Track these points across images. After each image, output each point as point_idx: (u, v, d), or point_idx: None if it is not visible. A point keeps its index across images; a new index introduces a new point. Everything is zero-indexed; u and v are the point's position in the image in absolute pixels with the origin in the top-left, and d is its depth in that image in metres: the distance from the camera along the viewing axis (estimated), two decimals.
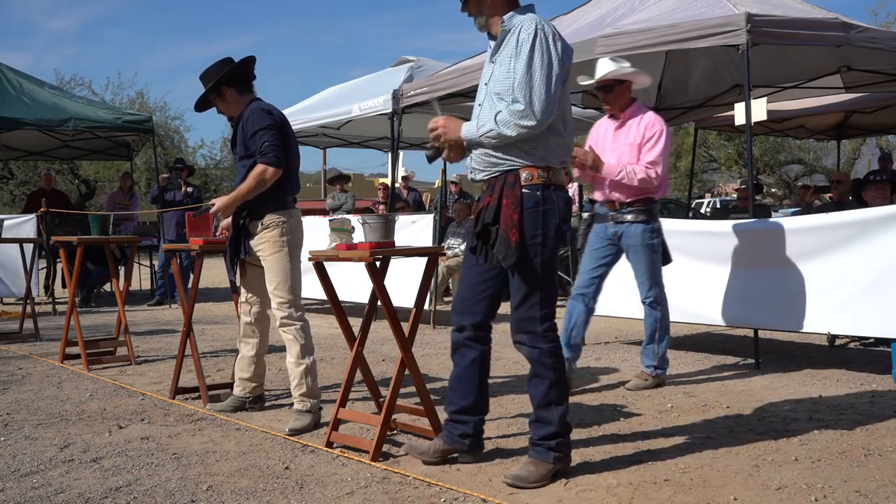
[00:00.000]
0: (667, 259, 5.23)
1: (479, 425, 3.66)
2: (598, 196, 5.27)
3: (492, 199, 3.35)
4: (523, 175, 3.31)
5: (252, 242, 4.49)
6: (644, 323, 5.32)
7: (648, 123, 5.05)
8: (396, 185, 10.73)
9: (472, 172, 3.52)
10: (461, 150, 3.46)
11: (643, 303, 5.24)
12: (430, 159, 3.55)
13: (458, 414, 3.63)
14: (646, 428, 4.20)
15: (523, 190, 3.31)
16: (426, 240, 7.98)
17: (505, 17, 3.37)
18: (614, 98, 5.14)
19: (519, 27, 3.29)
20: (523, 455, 3.52)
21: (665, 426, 4.24)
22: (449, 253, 9.73)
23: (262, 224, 4.47)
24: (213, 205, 4.55)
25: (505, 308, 3.52)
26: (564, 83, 3.34)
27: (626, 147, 5.06)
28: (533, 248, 3.31)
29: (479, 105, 3.48)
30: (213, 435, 4.19)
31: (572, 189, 12.22)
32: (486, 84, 3.46)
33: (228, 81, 4.55)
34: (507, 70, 3.29)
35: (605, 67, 5.13)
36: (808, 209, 7.59)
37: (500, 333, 4.17)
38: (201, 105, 4.70)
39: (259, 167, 4.37)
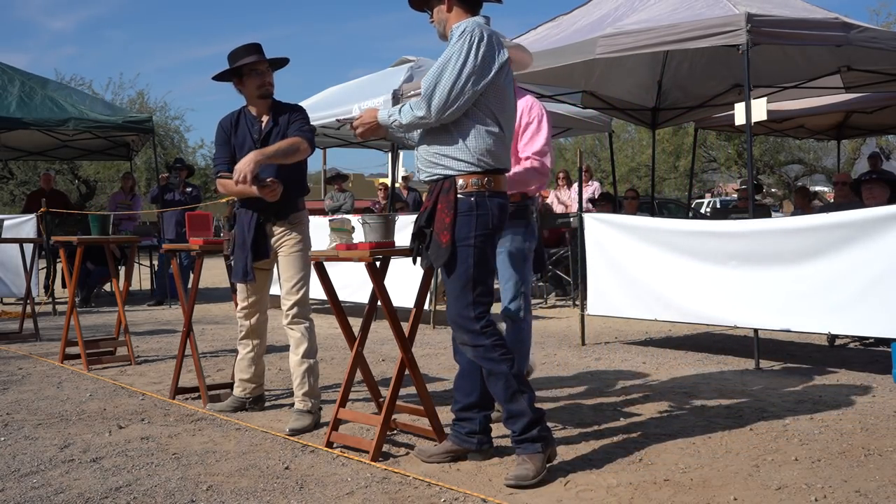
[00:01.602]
0: (539, 266, 4.45)
1: (486, 422, 3.68)
2: None
3: (429, 204, 3.48)
4: (459, 182, 3.40)
5: (275, 240, 4.51)
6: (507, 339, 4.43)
7: (525, 108, 4.25)
8: (396, 185, 10.73)
9: (417, 171, 3.63)
10: (371, 132, 3.62)
11: (503, 314, 4.21)
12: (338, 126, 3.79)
13: (464, 411, 3.67)
14: (646, 428, 4.20)
15: (458, 195, 3.40)
16: None
17: (454, 26, 3.48)
18: None
19: (459, 30, 3.40)
20: None
21: (665, 426, 4.24)
22: None
23: (288, 223, 4.50)
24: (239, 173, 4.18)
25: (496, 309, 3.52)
26: (495, 81, 3.37)
27: None
28: (464, 250, 3.39)
29: None
30: (213, 435, 4.19)
31: (593, 188, 12.21)
32: None
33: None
34: None
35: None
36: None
37: None
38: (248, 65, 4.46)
39: (298, 138, 4.38)
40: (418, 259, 3.59)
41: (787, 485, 3.30)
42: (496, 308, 3.60)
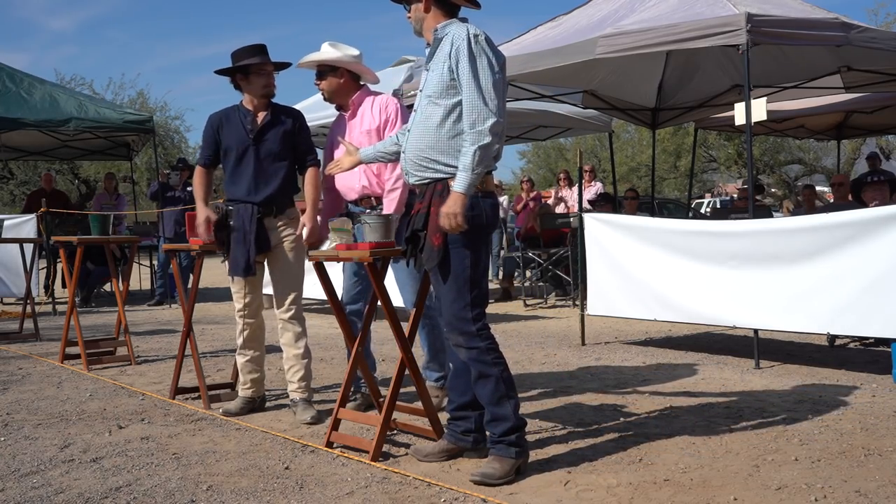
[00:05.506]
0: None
1: (481, 421, 3.68)
2: (348, 194, 4.64)
3: (422, 207, 3.46)
4: (451, 185, 3.38)
5: (273, 235, 4.53)
6: (420, 337, 4.46)
7: (381, 105, 4.57)
8: None
9: (406, 175, 3.60)
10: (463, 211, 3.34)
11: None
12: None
13: (459, 411, 3.67)
14: (646, 428, 4.20)
15: None
16: None
17: (438, 26, 3.49)
18: (328, 86, 4.68)
19: (451, 35, 3.41)
20: None
21: (665, 426, 4.24)
22: None
23: (286, 217, 4.56)
24: (304, 226, 4.47)
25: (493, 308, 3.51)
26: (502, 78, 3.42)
27: (363, 135, 4.50)
28: (460, 252, 3.39)
29: (415, 111, 3.56)
30: (213, 435, 4.19)
31: (595, 188, 12.19)
32: (421, 90, 3.57)
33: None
34: (440, 74, 3.40)
35: (322, 51, 4.65)
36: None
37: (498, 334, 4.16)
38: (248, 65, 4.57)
39: (315, 170, 4.57)
40: (411, 262, 3.58)
41: (787, 485, 3.30)
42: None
